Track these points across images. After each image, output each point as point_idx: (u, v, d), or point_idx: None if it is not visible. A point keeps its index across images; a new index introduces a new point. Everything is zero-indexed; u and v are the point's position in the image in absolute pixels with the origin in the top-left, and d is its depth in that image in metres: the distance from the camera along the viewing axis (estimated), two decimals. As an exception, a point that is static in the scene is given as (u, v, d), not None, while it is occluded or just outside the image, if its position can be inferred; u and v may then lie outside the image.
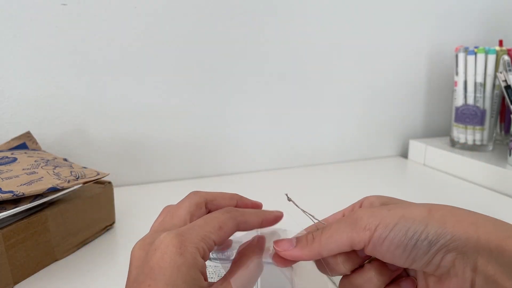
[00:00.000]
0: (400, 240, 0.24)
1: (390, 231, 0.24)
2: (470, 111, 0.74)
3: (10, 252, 0.37)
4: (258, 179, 0.72)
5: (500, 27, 0.89)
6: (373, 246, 0.25)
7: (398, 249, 0.24)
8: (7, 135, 0.58)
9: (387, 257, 0.25)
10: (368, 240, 0.25)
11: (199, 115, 0.69)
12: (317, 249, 0.26)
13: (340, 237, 0.26)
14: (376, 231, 0.25)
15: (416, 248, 0.24)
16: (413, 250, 0.24)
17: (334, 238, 0.26)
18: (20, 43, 0.57)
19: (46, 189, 0.39)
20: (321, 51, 0.75)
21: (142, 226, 0.51)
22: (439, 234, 0.23)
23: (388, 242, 0.24)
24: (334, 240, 0.26)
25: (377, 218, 0.25)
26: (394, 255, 0.24)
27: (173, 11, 0.64)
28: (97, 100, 0.63)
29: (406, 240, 0.24)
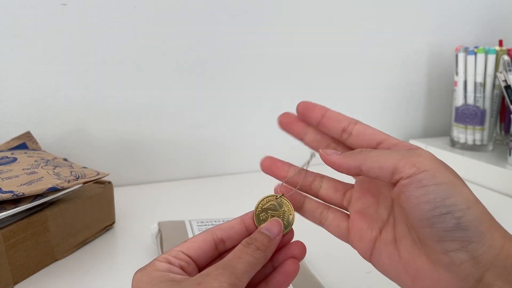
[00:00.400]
0: (435, 199, 0.22)
1: (433, 185, 0.22)
2: (470, 111, 0.74)
3: (10, 252, 0.37)
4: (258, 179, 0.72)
5: (500, 27, 0.89)
6: (408, 183, 0.23)
7: (427, 204, 0.22)
8: (7, 135, 0.58)
9: (411, 202, 0.23)
10: (409, 175, 0.23)
11: (199, 115, 0.69)
12: (360, 161, 0.25)
13: (387, 159, 0.24)
14: (421, 174, 0.23)
15: (442, 218, 0.22)
16: (439, 217, 0.22)
17: (381, 158, 0.24)
18: (20, 43, 0.57)
19: (46, 189, 0.39)
20: (321, 51, 0.75)
21: (142, 226, 0.51)
22: (472, 225, 0.22)
23: (424, 190, 0.22)
24: (380, 159, 0.24)
25: (431, 164, 0.23)
26: (419, 206, 0.23)
27: (173, 11, 0.64)
28: (97, 100, 0.63)
29: (440, 203, 0.22)
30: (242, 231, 0.28)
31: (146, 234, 0.48)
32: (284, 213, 0.29)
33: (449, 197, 0.22)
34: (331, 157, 0.27)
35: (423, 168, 0.23)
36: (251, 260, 0.24)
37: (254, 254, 0.25)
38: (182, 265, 0.25)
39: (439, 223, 0.22)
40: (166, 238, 0.42)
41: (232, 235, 0.28)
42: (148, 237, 0.48)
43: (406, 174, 0.23)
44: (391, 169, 0.24)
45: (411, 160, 0.23)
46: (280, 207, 0.30)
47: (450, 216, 0.22)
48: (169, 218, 0.49)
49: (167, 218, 0.50)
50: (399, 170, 0.23)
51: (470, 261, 0.22)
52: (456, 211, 0.22)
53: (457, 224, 0.22)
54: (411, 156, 0.24)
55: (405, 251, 0.25)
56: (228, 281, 0.22)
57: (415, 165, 0.23)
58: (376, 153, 0.25)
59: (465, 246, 0.22)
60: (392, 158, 0.24)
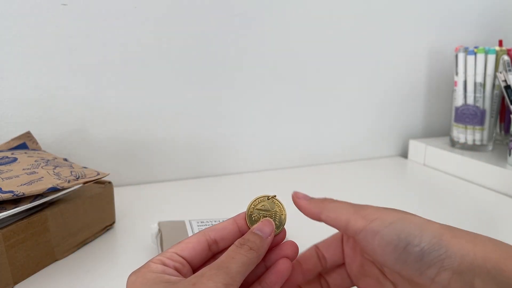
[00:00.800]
0: (392, 239, 0.24)
1: (385, 228, 0.24)
2: (470, 111, 0.74)
3: (10, 252, 0.38)
4: (258, 179, 0.72)
5: (500, 27, 0.89)
6: (364, 236, 0.25)
7: (388, 246, 0.24)
8: (7, 135, 0.58)
9: (377, 252, 0.25)
10: (361, 229, 0.25)
11: (199, 115, 0.69)
12: (320, 209, 0.28)
13: (341, 213, 0.27)
14: (371, 223, 0.25)
15: (406, 251, 0.24)
16: (403, 252, 0.24)
17: (337, 210, 0.27)
18: (20, 43, 0.57)
19: (46, 189, 0.39)
20: (322, 51, 0.75)
21: (142, 226, 0.51)
22: (433, 244, 0.23)
23: (379, 237, 0.24)
24: (336, 212, 0.27)
25: (378, 213, 0.26)
26: (385, 251, 0.24)
27: (173, 11, 0.64)
28: (97, 100, 0.63)
29: (397, 240, 0.24)
30: (235, 231, 0.29)
31: (146, 234, 0.48)
32: (276, 213, 0.30)
33: (401, 231, 0.24)
34: (299, 201, 0.29)
35: (372, 217, 0.25)
36: (244, 260, 0.25)
37: (247, 254, 0.25)
38: (177, 267, 0.25)
39: (408, 258, 0.24)
40: (166, 238, 0.42)
41: (225, 235, 0.28)
42: (148, 237, 0.48)
43: (359, 227, 0.25)
44: (344, 221, 0.26)
45: (361, 214, 0.26)
46: (272, 208, 0.30)
47: (411, 246, 0.23)
48: (169, 218, 0.49)
49: (167, 218, 0.50)
50: (351, 224, 0.26)
51: (454, 277, 0.22)
52: (412, 239, 0.23)
53: (421, 251, 0.23)
54: (361, 209, 0.26)
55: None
56: (223, 281, 0.22)
57: (365, 217, 0.26)
58: (334, 205, 0.28)
59: (442, 266, 0.23)
60: (347, 212, 0.27)
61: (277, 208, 0.30)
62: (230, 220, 0.29)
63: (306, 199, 0.29)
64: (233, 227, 0.29)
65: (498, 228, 0.53)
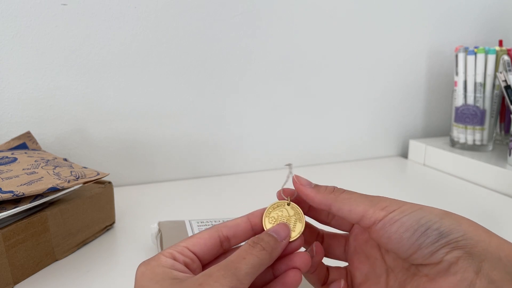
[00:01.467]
0: (411, 224, 0.24)
1: (405, 216, 0.25)
2: (470, 111, 0.74)
3: (10, 252, 0.38)
4: (258, 179, 0.72)
5: (500, 27, 0.89)
6: (382, 225, 0.25)
7: (406, 232, 0.24)
8: (7, 135, 0.58)
9: (393, 239, 0.25)
10: (380, 219, 0.25)
11: (199, 115, 0.69)
12: (331, 201, 0.27)
13: (357, 205, 0.26)
14: (391, 213, 0.25)
15: (425, 235, 0.24)
16: (421, 236, 0.24)
17: (351, 202, 0.27)
18: (20, 43, 0.57)
19: (46, 189, 0.39)
20: (322, 51, 0.75)
21: (142, 226, 0.51)
22: (452, 229, 0.24)
23: (399, 223, 0.25)
24: (350, 203, 0.27)
25: (398, 204, 0.26)
26: (402, 238, 0.25)
27: (173, 11, 0.64)
28: (97, 100, 0.63)
29: (417, 225, 0.24)
30: (247, 229, 0.28)
31: (146, 234, 0.48)
32: (295, 220, 0.29)
33: (421, 217, 0.25)
34: (304, 189, 0.29)
35: (391, 209, 0.25)
36: (255, 262, 0.24)
37: (259, 255, 0.25)
38: (187, 262, 0.25)
39: (424, 241, 0.24)
40: (166, 238, 0.42)
41: (237, 233, 0.28)
42: (148, 237, 0.48)
43: (378, 217, 0.25)
44: (361, 214, 0.26)
45: (380, 205, 0.26)
46: (290, 214, 0.29)
47: (430, 230, 0.24)
48: (169, 218, 0.49)
49: (167, 218, 0.50)
50: (369, 215, 0.26)
51: (464, 256, 0.23)
52: (432, 224, 0.24)
53: (439, 234, 0.24)
54: (379, 202, 0.26)
55: (408, 285, 0.26)
56: (230, 283, 0.22)
57: (384, 209, 0.26)
58: (347, 196, 0.27)
59: (455, 246, 0.23)
60: (363, 203, 0.26)
61: (296, 215, 0.29)
62: (243, 218, 0.29)
63: (311, 186, 0.29)
64: (247, 225, 0.28)
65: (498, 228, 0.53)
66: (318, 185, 0.29)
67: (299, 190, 0.29)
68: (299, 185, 0.29)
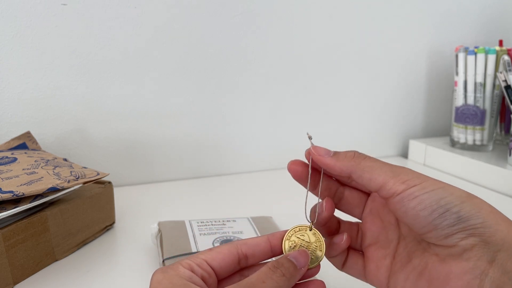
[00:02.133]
0: (430, 204, 0.24)
1: (425, 193, 0.24)
2: (470, 111, 0.74)
3: (10, 252, 0.37)
4: (258, 179, 0.72)
5: (500, 27, 0.89)
6: (400, 199, 0.24)
7: (424, 211, 0.24)
8: (7, 135, 0.58)
9: (409, 215, 0.24)
10: (399, 192, 0.25)
11: (199, 115, 0.69)
12: (352, 168, 0.26)
13: (378, 174, 0.26)
14: (411, 188, 0.24)
15: (442, 217, 0.23)
16: (439, 217, 0.23)
17: (373, 170, 0.26)
18: (20, 43, 0.57)
19: (46, 189, 0.39)
20: (322, 51, 0.75)
21: (142, 226, 0.51)
22: (472, 214, 0.23)
23: (418, 200, 0.24)
24: (372, 172, 0.26)
25: (420, 179, 0.25)
26: (418, 215, 0.24)
27: (173, 11, 0.63)
28: (97, 100, 0.63)
29: (436, 205, 0.24)
30: (267, 250, 0.28)
31: (146, 234, 0.48)
32: (315, 247, 0.28)
33: (442, 198, 0.24)
34: (323, 159, 0.28)
35: (412, 183, 0.24)
36: (273, 286, 0.24)
37: (279, 280, 0.25)
38: (204, 276, 0.25)
39: (441, 223, 0.23)
40: (166, 238, 0.42)
41: (256, 252, 0.28)
42: (148, 237, 0.48)
43: (397, 190, 0.25)
44: (380, 184, 0.25)
45: (401, 178, 0.25)
46: (311, 240, 0.29)
47: (449, 213, 0.23)
48: (169, 218, 0.49)
49: (167, 218, 0.50)
50: (388, 187, 0.25)
51: (480, 244, 0.23)
52: (452, 207, 0.23)
53: (458, 218, 0.23)
54: (400, 173, 0.25)
55: (416, 259, 0.26)
56: None
57: (405, 182, 0.25)
58: (369, 163, 0.26)
59: (473, 233, 0.23)
60: (384, 173, 0.25)
61: (316, 242, 0.29)
62: (264, 238, 0.28)
63: (330, 155, 0.28)
64: (266, 245, 0.28)
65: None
66: (337, 152, 0.28)
67: (318, 161, 0.28)
68: (317, 156, 0.28)
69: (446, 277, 0.24)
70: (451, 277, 0.23)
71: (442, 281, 0.24)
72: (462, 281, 0.23)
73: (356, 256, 0.30)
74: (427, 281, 0.25)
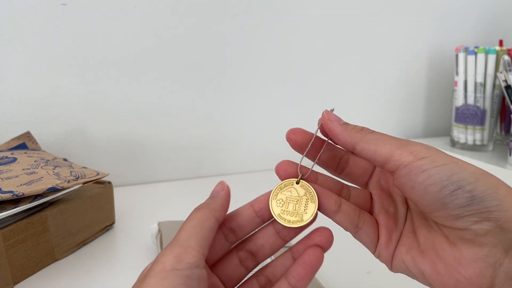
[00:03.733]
0: (440, 178, 0.21)
1: (435, 167, 0.21)
2: (470, 111, 0.74)
3: (10, 252, 0.37)
4: (258, 179, 0.72)
5: (500, 27, 0.89)
6: (407, 172, 0.22)
7: (433, 186, 0.21)
8: (7, 135, 0.58)
9: (416, 190, 0.22)
10: (406, 164, 0.22)
11: (199, 115, 0.69)
12: (356, 139, 0.24)
13: (384, 145, 0.23)
14: (420, 160, 0.22)
15: (454, 195, 0.21)
16: (449, 195, 0.21)
17: (378, 142, 0.24)
18: (20, 43, 0.57)
19: (46, 189, 0.39)
20: (322, 51, 0.75)
21: (142, 226, 0.51)
22: (487, 195, 0.20)
23: (426, 174, 0.21)
24: (377, 143, 0.24)
25: (429, 152, 0.22)
26: (426, 191, 0.21)
27: (173, 11, 0.63)
28: (97, 100, 0.63)
29: (447, 181, 0.21)
30: (252, 217, 0.26)
31: (146, 234, 0.48)
32: (306, 200, 0.26)
33: (454, 174, 0.21)
34: (332, 125, 0.26)
35: (421, 155, 0.22)
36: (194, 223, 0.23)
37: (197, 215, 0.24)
38: None
39: (452, 201, 0.21)
40: (166, 238, 0.42)
41: (241, 223, 0.26)
42: (148, 237, 0.48)
43: (404, 162, 0.22)
44: (386, 155, 0.23)
45: (408, 149, 0.23)
46: (300, 194, 0.26)
47: (461, 191, 0.21)
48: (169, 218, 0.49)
49: (167, 218, 0.50)
50: (394, 158, 0.23)
51: (495, 230, 0.20)
52: (465, 184, 0.21)
53: (471, 198, 0.21)
54: (408, 145, 0.23)
55: (422, 237, 0.24)
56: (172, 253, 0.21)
57: (413, 153, 0.22)
58: (374, 136, 0.24)
59: (487, 217, 0.21)
60: (390, 144, 0.23)
61: (308, 194, 0.26)
62: (246, 205, 0.27)
63: (340, 122, 0.26)
64: (250, 212, 0.26)
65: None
66: (348, 123, 0.26)
67: (326, 125, 0.26)
68: (326, 119, 0.26)
69: (456, 261, 0.22)
70: (462, 262, 0.21)
71: (450, 265, 0.22)
72: (474, 268, 0.21)
73: (371, 221, 0.26)
74: (431, 262, 0.23)
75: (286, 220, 0.26)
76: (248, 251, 0.27)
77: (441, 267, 0.22)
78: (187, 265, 0.20)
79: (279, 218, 0.26)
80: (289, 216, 0.26)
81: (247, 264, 0.27)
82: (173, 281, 0.20)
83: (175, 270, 0.20)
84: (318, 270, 0.24)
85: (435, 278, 0.23)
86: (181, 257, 0.21)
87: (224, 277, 0.26)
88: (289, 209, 0.26)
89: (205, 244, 0.22)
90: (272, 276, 0.26)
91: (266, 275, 0.26)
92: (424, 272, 0.23)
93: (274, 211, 0.26)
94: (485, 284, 0.21)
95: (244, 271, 0.26)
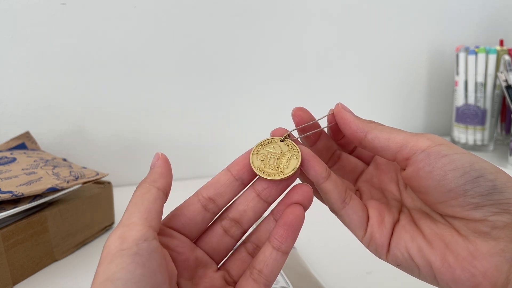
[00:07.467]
0: (463, 165, 0.20)
1: (456, 154, 0.21)
2: (470, 111, 0.74)
3: (10, 252, 0.37)
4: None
5: (500, 27, 0.89)
6: (426, 156, 0.21)
7: (454, 171, 0.20)
8: (7, 135, 0.58)
9: (434, 175, 0.21)
10: (424, 148, 0.21)
11: (199, 115, 0.69)
12: (369, 128, 0.24)
13: (398, 133, 0.23)
14: (438, 146, 0.21)
15: (476, 182, 0.20)
16: (471, 182, 0.20)
17: (392, 131, 0.23)
18: (20, 43, 0.57)
19: (46, 189, 0.39)
20: (322, 52, 0.75)
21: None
22: (508, 187, 0.20)
23: (447, 159, 0.21)
24: (390, 131, 0.23)
25: (446, 141, 0.22)
26: (446, 176, 0.21)
27: (174, 11, 0.63)
28: (97, 100, 0.63)
29: (469, 168, 0.20)
30: (230, 182, 0.25)
31: (145, 234, 0.48)
32: (288, 157, 0.25)
33: (475, 162, 0.20)
34: (345, 113, 0.26)
35: (439, 142, 0.22)
36: (134, 200, 0.23)
37: (137, 191, 0.23)
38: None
39: (473, 188, 0.20)
40: (166, 238, 0.42)
41: (220, 189, 0.25)
42: (148, 237, 0.48)
43: (422, 146, 0.21)
44: (401, 141, 0.22)
45: (424, 136, 0.22)
46: (284, 150, 0.25)
47: (483, 179, 0.20)
48: (168, 218, 0.49)
49: (166, 218, 0.50)
50: (411, 144, 0.22)
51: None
52: (487, 173, 0.20)
53: (494, 187, 0.20)
54: (422, 134, 0.23)
55: (427, 228, 0.23)
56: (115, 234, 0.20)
57: (430, 139, 0.22)
58: (385, 127, 0.24)
59: (506, 209, 0.20)
60: (404, 133, 0.23)
61: (291, 151, 0.25)
62: (223, 171, 0.26)
63: (353, 114, 0.26)
64: (227, 177, 0.25)
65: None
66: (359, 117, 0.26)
67: (339, 112, 0.26)
68: (339, 108, 0.26)
69: (470, 254, 0.21)
70: (476, 255, 0.21)
71: (463, 258, 0.21)
72: (489, 262, 0.20)
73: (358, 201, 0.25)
74: (442, 254, 0.22)
75: (266, 172, 0.24)
76: (231, 219, 0.25)
77: (453, 260, 0.21)
78: (132, 242, 0.20)
79: (258, 170, 0.25)
80: (269, 169, 0.25)
81: (233, 233, 0.25)
82: (120, 263, 0.19)
83: (120, 251, 0.19)
84: (300, 228, 0.23)
85: (445, 271, 0.22)
86: (124, 236, 0.20)
87: (210, 250, 0.25)
88: (270, 163, 0.25)
89: (150, 216, 0.21)
90: (258, 242, 0.25)
91: (253, 241, 0.25)
92: (432, 264, 0.22)
93: (254, 164, 0.25)
94: (500, 279, 0.20)
95: (231, 240, 0.25)
